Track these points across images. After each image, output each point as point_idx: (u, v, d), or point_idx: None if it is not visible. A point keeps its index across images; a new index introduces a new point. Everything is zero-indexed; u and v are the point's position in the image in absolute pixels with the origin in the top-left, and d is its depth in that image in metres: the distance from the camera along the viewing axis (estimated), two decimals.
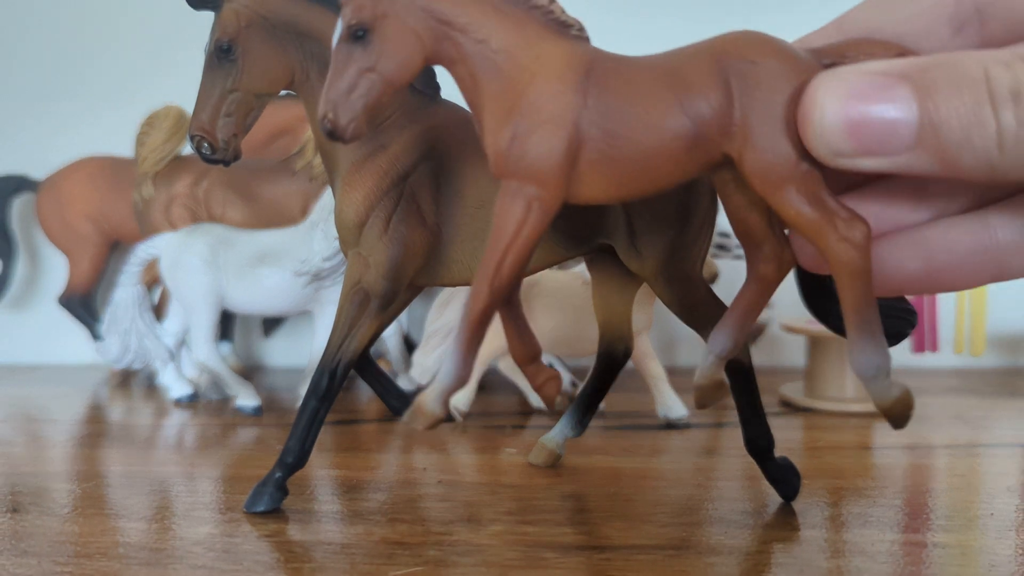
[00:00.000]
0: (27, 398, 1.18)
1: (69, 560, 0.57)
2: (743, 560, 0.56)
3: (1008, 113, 0.34)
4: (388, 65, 0.46)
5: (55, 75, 1.53)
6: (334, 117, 0.45)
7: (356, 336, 0.67)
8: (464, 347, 0.47)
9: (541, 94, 0.44)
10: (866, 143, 0.38)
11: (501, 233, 0.45)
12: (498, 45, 0.46)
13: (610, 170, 0.44)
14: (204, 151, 0.67)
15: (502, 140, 0.45)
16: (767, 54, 0.43)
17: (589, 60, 0.45)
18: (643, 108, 0.43)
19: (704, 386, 0.51)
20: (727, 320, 0.50)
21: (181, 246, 1.07)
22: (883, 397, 0.44)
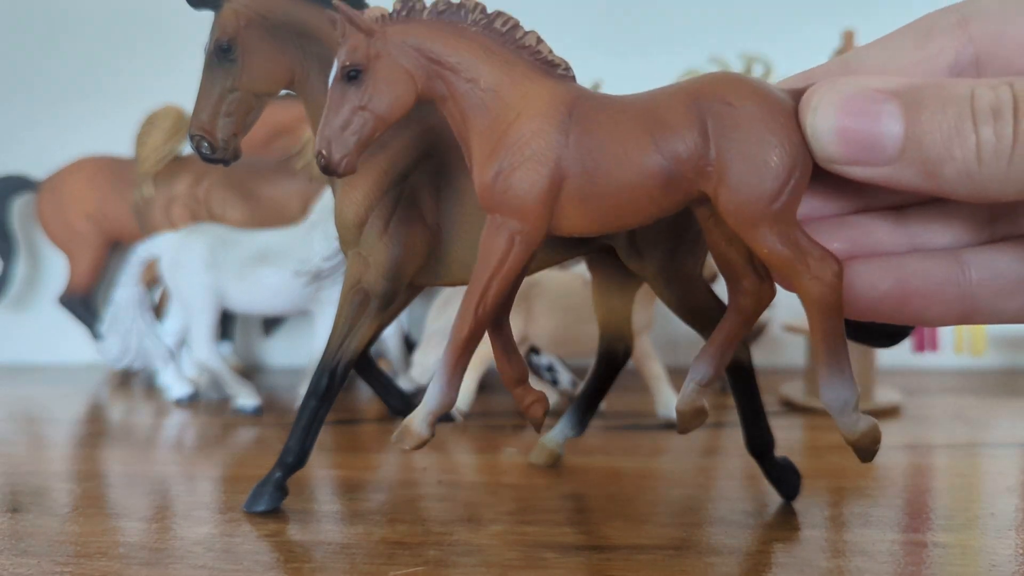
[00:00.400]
0: (27, 398, 1.18)
1: (69, 560, 0.57)
2: (743, 560, 0.56)
3: (988, 128, 0.36)
4: (380, 103, 0.48)
5: (56, 76, 1.52)
6: (328, 153, 0.48)
7: (356, 336, 0.67)
8: (449, 372, 0.49)
9: (525, 132, 0.46)
10: (854, 153, 0.40)
11: (485, 264, 0.47)
12: (486, 84, 0.48)
13: (590, 206, 0.46)
14: (204, 151, 0.67)
15: (487, 175, 0.47)
16: (744, 96, 0.44)
17: (572, 99, 0.47)
18: (621, 147, 0.45)
19: (685, 412, 0.53)
20: (707, 350, 0.51)
21: (181, 246, 1.07)
22: (851, 430, 0.46)
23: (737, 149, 0.43)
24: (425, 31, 0.49)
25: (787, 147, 0.43)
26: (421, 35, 0.49)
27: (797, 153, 0.43)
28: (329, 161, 0.48)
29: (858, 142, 0.40)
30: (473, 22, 0.49)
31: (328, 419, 0.68)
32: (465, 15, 0.49)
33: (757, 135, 0.43)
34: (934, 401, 1.09)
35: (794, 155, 0.43)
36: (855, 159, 0.40)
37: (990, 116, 0.36)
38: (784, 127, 0.43)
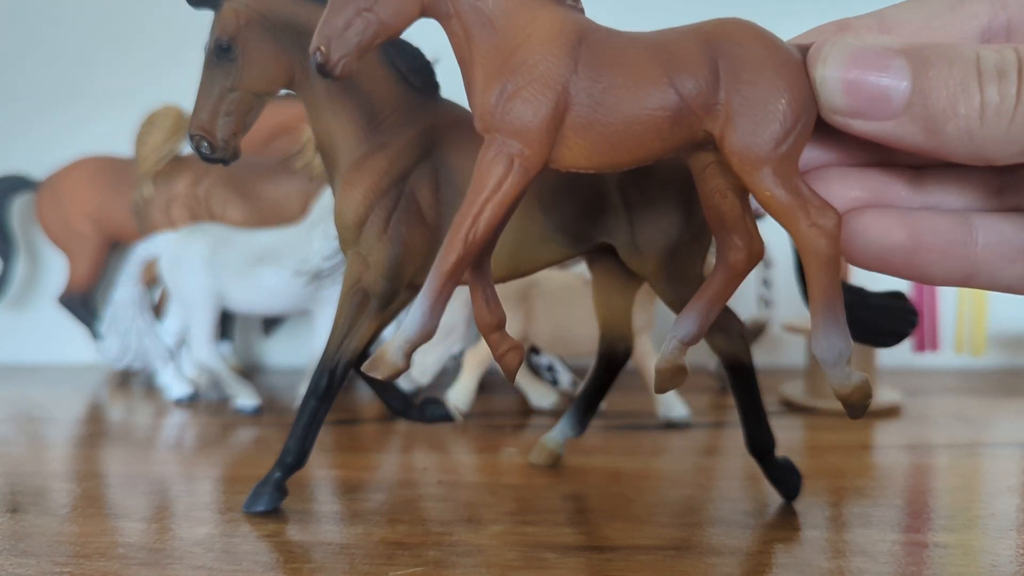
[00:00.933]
0: (27, 398, 1.18)
1: (68, 560, 0.57)
2: (744, 560, 0.56)
3: (992, 88, 0.37)
4: (386, 8, 0.46)
5: (55, 76, 1.52)
6: (327, 51, 0.46)
7: (356, 336, 0.67)
8: (432, 299, 0.47)
9: (533, 54, 0.45)
10: (860, 105, 0.41)
11: (480, 186, 0.45)
12: (495, 3, 0.46)
13: (594, 137, 0.45)
14: (203, 150, 0.67)
15: (490, 95, 0.45)
16: (757, 40, 0.44)
17: (582, 28, 0.46)
18: (631, 79, 0.44)
19: (664, 369, 0.51)
20: (693, 306, 0.50)
21: (181, 246, 1.07)
22: (842, 384, 0.45)
23: (747, 91, 0.43)
24: None
25: (795, 93, 0.43)
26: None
27: (804, 101, 0.43)
28: (328, 60, 0.46)
29: (865, 94, 0.40)
30: None
31: (328, 419, 0.68)
32: None
33: (767, 79, 0.43)
34: (934, 401, 1.08)
35: (801, 102, 0.43)
36: (860, 111, 0.41)
37: (995, 76, 0.37)
38: (793, 74, 0.43)
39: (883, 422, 0.96)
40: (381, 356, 0.48)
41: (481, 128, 0.46)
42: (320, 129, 0.69)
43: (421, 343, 0.48)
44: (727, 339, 0.66)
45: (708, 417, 1.00)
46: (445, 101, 0.70)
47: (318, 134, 0.69)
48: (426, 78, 0.70)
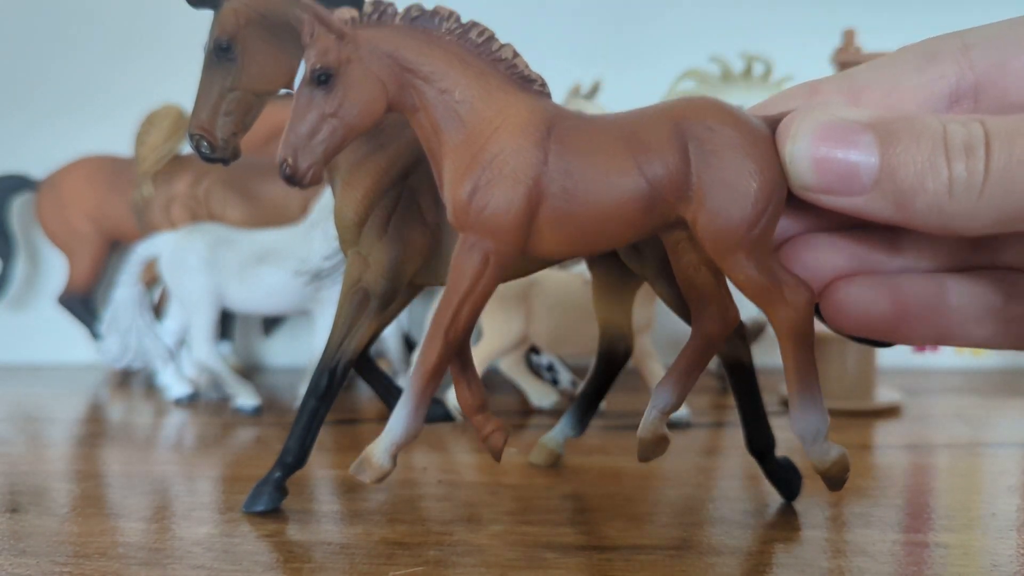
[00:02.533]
0: (27, 398, 1.18)
1: (68, 560, 0.57)
2: (744, 560, 0.56)
3: (960, 164, 0.37)
4: (351, 111, 0.46)
5: (54, 76, 1.52)
6: (293, 162, 0.45)
7: (356, 335, 0.67)
8: (416, 399, 0.47)
9: (503, 148, 0.44)
10: (829, 181, 0.41)
11: (457, 285, 0.46)
12: (461, 96, 0.46)
13: (568, 228, 0.45)
14: (203, 150, 0.67)
15: (462, 192, 0.45)
16: (725, 122, 0.44)
17: (551, 117, 0.46)
18: (602, 169, 0.44)
19: (647, 440, 0.52)
20: (670, 376, 0.51)
21: (181, 245, 1.07)
22: (821, 459, 0.47)
23: (718, 175, 0.43)
24: (398, 37, 0.46)
25: (766, 174, 0.43)
26: (394, 41, 0.46)
27: (775, 180, 0.43)
28: (295, 171, 0.45)
29: (834, 171, 0.40)
30: (447, 31, 0.47)
31: (328, 419, 0.68)
32: (439, 23, 0.47)
33: (737, 163, 0.43)
34: (935, 401, 1.08)
35: (772, 182, 0.43)
36: (830, 188, 0.41)
37: (962, 151, 0.37)
38: (763, 154, 0.43)
39: (883, 422, 0.96)
40: (367, 459, 0.48)
41: (454, 224, 0.46)
42: None
43: (408, 444, 0.48)
44: (727, 339, 0.66)
45: (708, 417, 1.00)
46: None
47: None
48: None
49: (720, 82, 1.21)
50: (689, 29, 1.45)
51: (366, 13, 0.46)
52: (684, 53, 1.28)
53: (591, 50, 1.44)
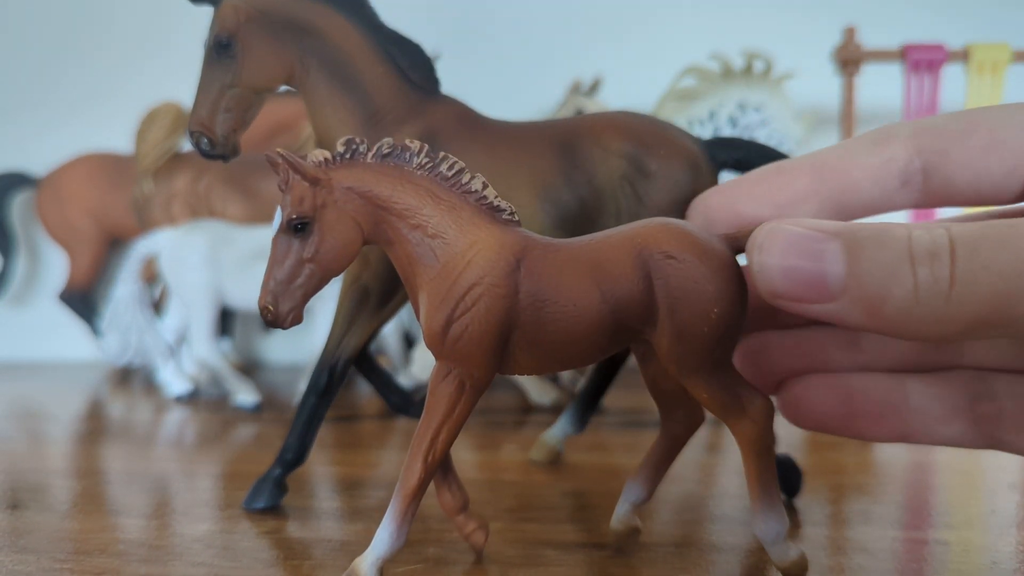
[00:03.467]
0: (27, 395, 1.18)
1: (68, 557, 0.57)
2: (744, 557, 0.56)
3: (925, 269, 0.38)
4: (327, 255, 0.46)
5: (53, 71, 1.52)
6: (274, 308, 0.46)
7: (356, 333, 0.67)
8: (399, 518, 0.49)
9: (476, 281, 0.46)
10: (798, 290, 0.42)
11: (435, 412, 0.48)
12: (434, 231, 0.47)
13: (539, 353, 0.47)
14: (203, 147, 0.67)
15: (437, 323, 0.47)
16: (686, 249, 0.46)
17: (520, 247, 0.47)
18: (570, 299, 0.46)
19: (621, 532, 0.56)
20: (641, 473, 0.56)
21: (181, 243, 1.07)
22: (781, 559, 0.49)
23: (679, 302, 0.46)
24: (370, 176, 0.47)
25: (726, 299, 0.46)
26: (367, 180, 0.47)
27: (734, 304, 0.46)
28: (276, 316, 0.45)
29: (802, 280, 0.41)
30: (419, 165, 0.48)
31: (328, 416, 0.68)
32: (410, 158, 0.48)
33: (698, 288, 0.46)
34: None
35: (732, 306, 0.46)
36: (800, 297, 0.42)
37: (927, 257, 0.38)
38: (723, 279, 0.46)
39: None
40: (354, 572, 0.49)
41: (431, 350, 0.48)
42: (320, 126, 0.69)
43: (391, 557, 0.49)
44: None
45: (709, 415, 1.00)
46: (445, 97, 0.70)
47: (318, 131, 0.69)
48: (426, 74, 0.70)
49: (720, 79, 1.21)
50: (690, 26, 1.45)
51: (339, 152, 0.47)
52: (685, 50, 1.27)
53: (591, 47, 1.44)
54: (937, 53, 1.21)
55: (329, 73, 0.68)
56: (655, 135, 0.68)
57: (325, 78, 0.68)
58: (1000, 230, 0.36)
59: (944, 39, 1.23)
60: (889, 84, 1.29)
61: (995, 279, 0.36)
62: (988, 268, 0.36)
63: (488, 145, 0.67)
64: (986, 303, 0.36)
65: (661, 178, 0.66)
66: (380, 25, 0.69)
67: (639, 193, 0.66)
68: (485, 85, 1.25)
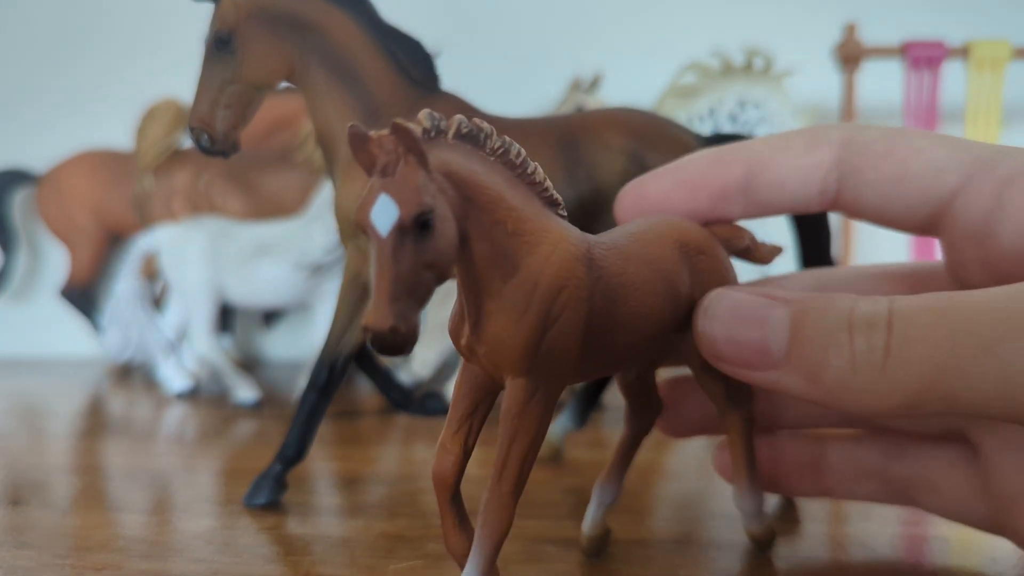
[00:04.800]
0: (28, 391, 1.18)
1: (69, 553, 0.57)
2: (745, 554, 0.56)
3: (861, 339, 0.38)
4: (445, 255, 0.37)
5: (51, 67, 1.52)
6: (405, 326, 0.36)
7: (356, 329, 0.67)
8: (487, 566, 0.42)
9: (563, 286, 0.40)
10: (741, 358, 0.43)
11: (525, 436, 0.41)
12: (513, 228, 0.40)
13: (596, 357, 0.43)
14: (203, 143, 0.67)
15: (523, 335, 0.40)
16: (711, 244, 0.49)
17: (587, 245, 0.42)
18: (640, 299, 0.44)
19: (594, 537, 0.55)
20: (611, 474, 0.56)
21: (181, 239, 1.07)
22: (754, 529, 0.54)
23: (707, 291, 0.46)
24: (461, 160, 0.40)
25: None
26: (460, 165, 0.39)
27: None
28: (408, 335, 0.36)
29: (746, 348, 0.42)
30: (491, 150, 0.41)
31: (328, 412, 0.68)
32: (484, 140, 0.41)
33: (723, 282, 0.48)
34: None
35: None
36: (744, 363, 0.43)
37: (866, 327, 0.38)
38: (732, 270, 0.49)
39: None
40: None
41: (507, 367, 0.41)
42: (320, 122, 0.69)
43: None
44: None
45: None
46: (446, 93, 0.70)
47: (318, 127, 0.69)
48: (426, 71, 0.69)
49: (720, 76, 1.21)
50: (690, 23, 1.45)
51: (425, 129, 0.39)
52: (685, 47, 1.27)
53: (592, 43, 1.44)
54: (937, 50, 1.21)
55: (329, 69, 0.67)
56: (656, 132, 0.68)
57: (325, 74, 0.67)
58: (938, 303, 0.37)
59: (944, 36, 1.23)
60: (889, 81, 1.29)
61: (930, 351, 0.36)
62: (923, 340, 0.36)
63: None
64: (921, 376, 0.36)
65: None
66: (380, 21, 0.69)
67: None
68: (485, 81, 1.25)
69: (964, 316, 0.35)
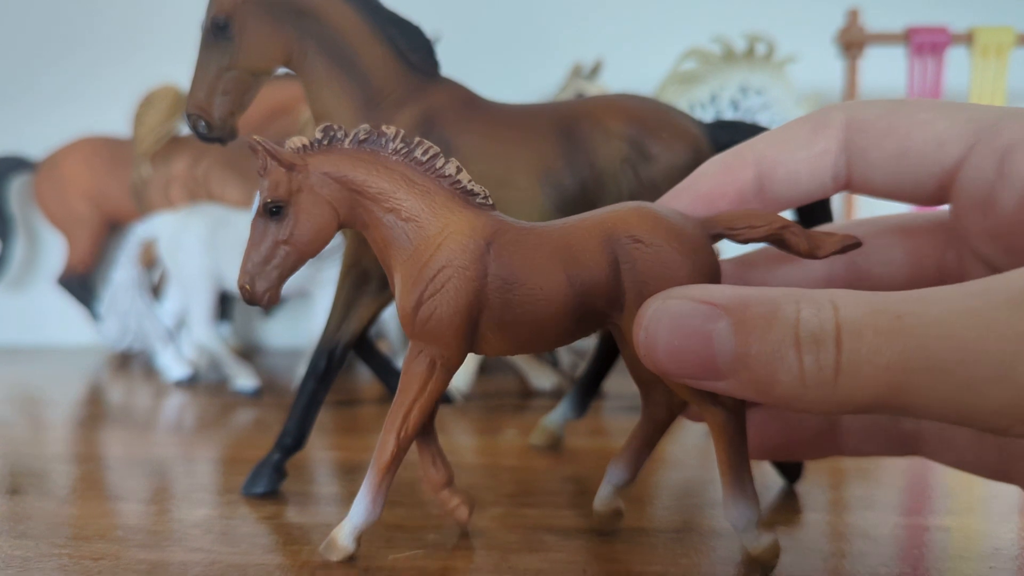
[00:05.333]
0: (26, 379, 1.18)
1: (67, 542, 0.56)
2: None
3: (811, 357, 0.36)
4: (303, 237, 0.48)
5: (48, 54, 1.51)
6: (251, 287, 0.47)
7: (355, 317, 0.67)
8: (374, 492, 0.51)
9: (446, 264, 0.47)
10: (688, 370, 0.41)
11: (407, 389, 0.49)
12: (407, 215, 0.48)
13: (509, 334, 0.48)
14: (201, 130, 0.66)
15: (409, 303, 0.48)
16: (655, 233, 0.47)
17: (491, 231, 0.48)
18: (537, 283, 0.47)
19: (604, 514, 0.56)
20: (624, 456, 0.56)
21: (179, 227, 1.06)
22: (753, 545, 0.48)
23: (647, 286, 0.46)
24: (347, 161, 0.48)
25: (697, 282, 0.46)
26: (343, 165, 0.48)
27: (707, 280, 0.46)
28: (253, 295, 0.47)
29: (690, 361, 0.40)
30: (394, 151, 0.49)
31: (327, 400, 0.68)
32: (386, 143, 0.49)
33: (668, 272, 0.46)
34: None
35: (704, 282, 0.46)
36: (690, 375, 0.41)
37: (813, 344, 0.36)
38: (694, 263, 0.46)
39: None
40: (333, 542, 0.52)
41: (405, 331, 0.49)
42: (319, 109, 0.68)
43: (368, 527, 0.52)
44: None
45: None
46: (445, 80, 0.69)
47: (316, 113, 0.69)
48: (426, 57, 0.69)
49: (722, 62, 1.20)
50: (692, 9, 1.44)
51: (317, 139, 0.48)
52: (686, 33, 1.26)
53: (593, 30, 1.43)
54: (941, 36, 1.20)
55: (328, 55, 0.67)
56: (657, 118, 0.67)
57: (323, 60, 0.67)
58: (887, 321, 0.35)
59: (948, 22, 1.22)
60: (892, 67, 1.28)
61: (882, 372, 0.34)
62: (874, 362, 0.35)
63: (488, 128, 0.66)
64: (875, 392, 0.35)
65: (662, 161, 0.66)
66: (379, 6, 0.69)
67: (640, 176, 0.65)
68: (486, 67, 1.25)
69: (917, 342, 0.34)
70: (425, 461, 0.56)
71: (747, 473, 0.48)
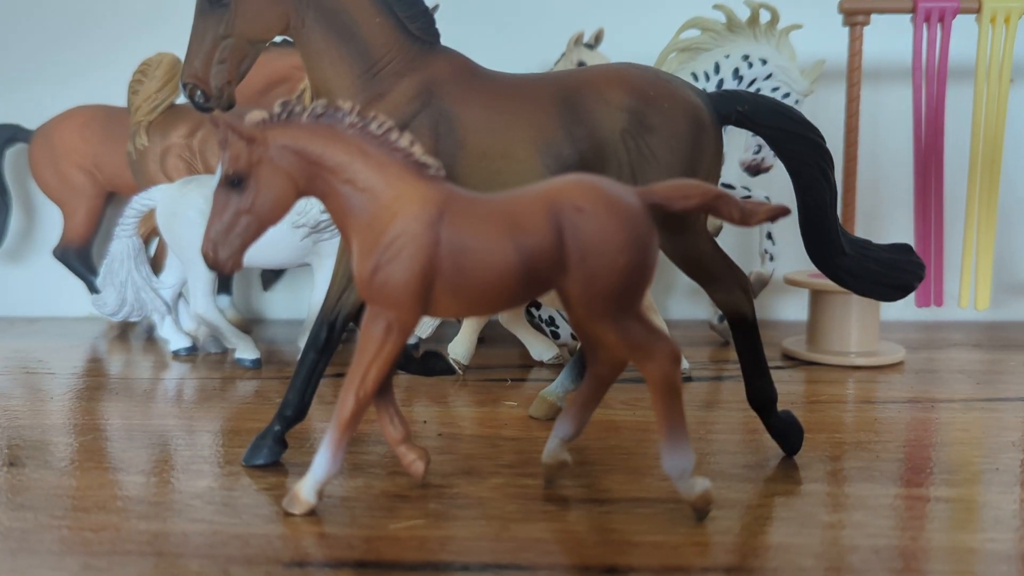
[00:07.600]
0: (24, 351, 1.18)
1: (66, 514, 0.57)
2: (744, 514, 0.56)
3: None
4: (263, 207, 0.51)
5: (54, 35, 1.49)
6: (214, 254, 0.51)
7: (355, 289, 0.66)
8: (334, 447, 0.54)
9: (400, 232, 0.50)
10: None
11: (365, 350, 0.53)
12: (363, 185, 0.51)
13: (459, 297, 0.51)
14: (197, 99, 0.66)
15: (366, 269, 0.51)
16: (595, 202, 0.50)
17: (443, 200, 0.51)
18: (485, 248, 0.50)
19: (551, 465, 0.60)
20: (569, 410, 0.60)
21: (177, 197, 1.05)
22: (688, 493, 0.53)
23: (588, 252, 0.49)
24: (304, 134, 0.51)
25: (633, 248, 0.49)
26: (300, 138, 0.51)
27: (642, 253, 0.50)
28: (216, 261, 0.51)
29: None
30: (350, 124, 0.52)
31: (327, 372, 0.68)
32: (342, 117, 0.52)
33: (606, 239, 0.49)
34: (938, 355, 1.08)
35: (639, 255, 0.50)
36: None
37: None
38: (630, 230, 0.49)
39: (885, 376, 0.96)
40: (296, 496, 0.55)
41: (361, 296, 0.53)
42: (317, 78, 0.67)
43: (329, 481, 0.55)
44: (729, 293, 0.66)
45: (708, 371, 1.00)
46: (445, 49, 0.68)
47: (314, 83, 0.68)
48: (425, 26, 0.68)
49: (725, 31, 1.18)
50: None
51: (275, 113, 0.51)
52: (688, 1, 1.25)
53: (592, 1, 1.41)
54: (949, 3, 1.18)
55: (326, 23, 0.66)
56: (658, 88, 0.66)
57: (322, 28, 0.66)
58: None
59: None
60: (899, 35, 1.26)
61: None
62: None
63: (488, 98, 0.66)
64: None
65: (663, 132, 0.65)
66: None
67: (641, 148, 0.64)
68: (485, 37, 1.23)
69: None
70: (383, 419, 0.60)
71: (682, 425, 0.52)
